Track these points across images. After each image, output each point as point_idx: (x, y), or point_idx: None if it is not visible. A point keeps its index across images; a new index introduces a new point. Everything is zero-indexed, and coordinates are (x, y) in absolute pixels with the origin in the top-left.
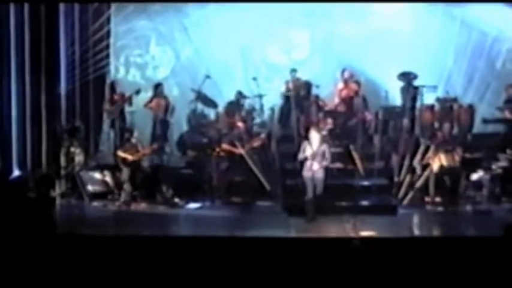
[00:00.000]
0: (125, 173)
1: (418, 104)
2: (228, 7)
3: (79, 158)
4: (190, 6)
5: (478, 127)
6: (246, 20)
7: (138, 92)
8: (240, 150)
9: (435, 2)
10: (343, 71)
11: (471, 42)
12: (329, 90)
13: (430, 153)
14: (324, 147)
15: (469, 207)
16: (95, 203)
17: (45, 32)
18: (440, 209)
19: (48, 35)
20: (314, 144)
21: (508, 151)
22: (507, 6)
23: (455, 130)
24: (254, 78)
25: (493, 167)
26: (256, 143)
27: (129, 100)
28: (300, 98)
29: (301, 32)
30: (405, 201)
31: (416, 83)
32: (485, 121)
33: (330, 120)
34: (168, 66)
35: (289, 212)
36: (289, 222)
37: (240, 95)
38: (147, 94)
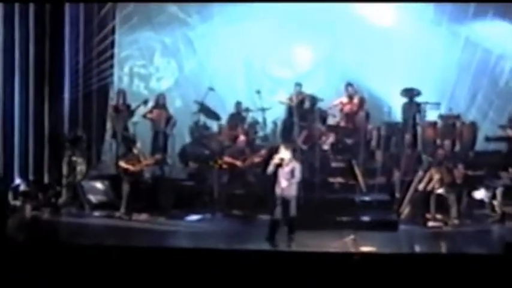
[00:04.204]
0: (126, 184)
1: (420, 121)
2: (233, 20)
3: (81, 167)
4: (195, 18)
5: (480, 145)
6: (250, 33)
7: (146, 102)
8: (241, 164)
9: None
10: (347, 86)
11: (475, 59)
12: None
13: (432, 170)
14: (294, 164)
15: (470, 225)
16: (96, 213)
17: (49, 41)
18: (441, 225)
19: (53, 45)
20: (284, 161)
21: (510, 169)
22: (510, 25)
23: (458, 147)
24: (257, 92)
25: (495, 185)
26: (257, 159)
27: (133, 111)
28: (303, 111)
29: (305, 45)
30: (406, 218)
31: (419, 99)
32: (488, 139)
33: (332, 135)
34: (172, 77)
35: (294, 226)
36: (292, 236)
37: (239, 105)
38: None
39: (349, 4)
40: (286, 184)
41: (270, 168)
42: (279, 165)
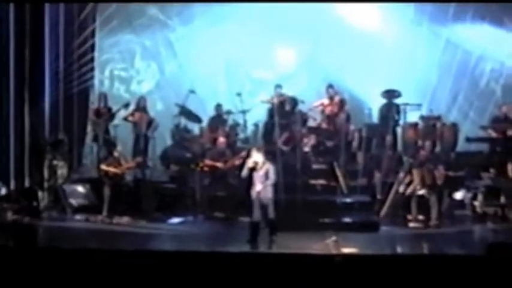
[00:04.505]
0: (108, 187)
1: (401, 122)
2: (213, 22)
3: (62, 171)
4: (176, 21)
5: (461, 146)
6: (231, 35)
7: (127, 105)
8: (222, 166)
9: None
10: (328, 87)
11: (455, 61)
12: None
13: (413, 171)
14: (268, 166)
15: (451, 226)
16: (77, 217)
17: (29, 44)
18: (422, 226)
19: (33, 48)
20: (257, 164)
21: (491, 170)
22: (491, 25)
23: (438, 148)
24: (238, 94)
25: (476, 185)
26: (237, 161)
27: (114, 114)
28: (284, 113)
29: (286, 47)
30: (387, 219)
31: (400, 100)
32: (469, 140)
33: (313, 137)
34: (153, 80)
35: (274, 228)
36: (273, 239)
37: (219, 107)
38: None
39: (330, 5)
40: (261, 187)
41: (244, 172)
42: (253, 169)
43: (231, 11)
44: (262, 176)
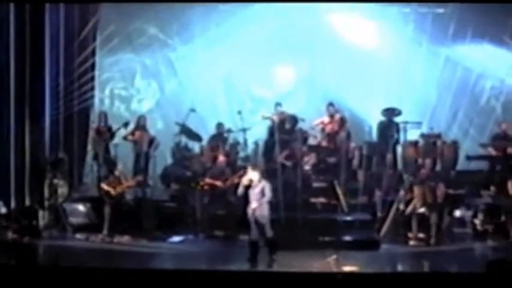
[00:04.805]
0: (108, 206)
1: (402, 140)
2: (213, 41)
3: (62, 189)
4: (176, 40)
5: (461, 164)
6: (231, 54)
7: (126, 124)
8: (222, 185)
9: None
10: (328, 105)
11: (455, 78)
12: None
13: (414, 189)
14: (263, 184)
15: (451, 244)
16: (78, 235)
17: (30, 63)
18: (423, 244)
19: (33, 67)
20: (253, 182)
21: (491, 188)
22: (491, 43)
23: (439, 166)
24: (239, 112)
25: (476, 203)
26: (237, 180)
27: (114, 133)
28: (284, 131)
29: (286, 66)
30: (388, 237)
31: (400, 119)
32: (469, 158)
33: (313, 155)
34: (153, 99)
35: (273, 246)
36: (273, 257)
37: (221, 126)
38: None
39: (330, 24)
40: (257, 205)
41: (240, 190)
42: (248, 187)
43: (230, 30)
44: (258, 193)
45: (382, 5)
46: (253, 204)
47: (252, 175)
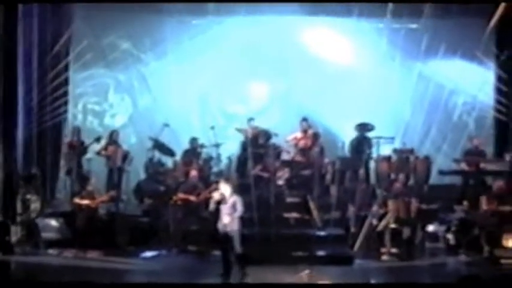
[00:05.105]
0: (81, 221)
1: (374, 155)
2: (186, 57)
3: (35, 205)
4: (149, 55)
5: (434, 178)
6: (204, 69)
7: (98, 139)
8: (195, 199)
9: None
10: (302, 121)
11: (428, 94)
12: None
13: (388, 203)
14: (235, 198)
15: (424, 259)
16: (51, 251)
17: (3, 78)
18: (396, 259)
19: (6, 82)
20: (225, 196)
21: (464, 203)
22: (463, 59)
23: (412, 181)
24: (212, 127)
25: (449, 218)
26: (209, 194)
27: (87, 148)
28: (258, 146)
29: (259, 82)
30: (361, 252)
31: (373, 134)
32: (442, 172)
33: (286, 170)
34: (126, 114)
35: (244, 261)
36: (245, 271)
37: (195, 141)
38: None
39: (304, 39)
40: (229, 219)
41: (211, 206)
42: (220, 202)
43: (204, 45)
44: (230, 207)
45: (356, 20)
46: (225, 219)
47: (224, 189)
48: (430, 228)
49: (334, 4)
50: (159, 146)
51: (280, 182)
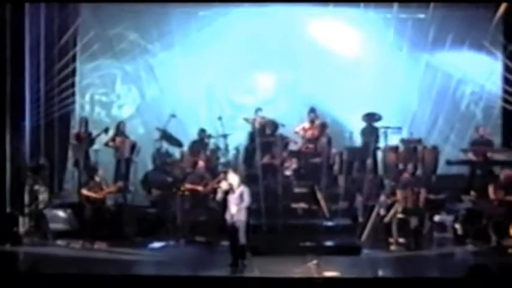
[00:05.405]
0: (89, 212)
1: (382, 145)
2: (194, 47)
3: (43, 196)
4: (156, 45)
5: (442, 168)
6: (212, 60)
7: (106, 130)
8: (202, 190)
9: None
10: (309, 111)
11: (436, 84)
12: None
13: (397, 193)
14: (242, 188)
15: (432, 249)
16: (59, 242)
17: (10, 69)
18: (404, 249)
19: (14, 73)
20: (233, 186)
21: (471, 193)
22: (471, 49)
23: (419, 171)
24: (219, 118)
25: (457, 208)
26: (217, 184)
27: (94, 139)
28: (265, 136)
29: (267, 72)
30: (369, 242)
31: (380, 124)
32: (449, 163)
33: (294, 160)
34: (133, 105)
35: (253, 251)
36: (253, 262)
37: (203, 132)
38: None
39: (311, 30)
40: (236, 209)
41: (219, 195)
42: (228, 191)
43: (211, 36)
44: (237, 198)
45: (363, 10)
46: (233, 209)
47: (232, 179)
48: (438, 218)
49: None
50: (167, 137)
51: (288, 173)
